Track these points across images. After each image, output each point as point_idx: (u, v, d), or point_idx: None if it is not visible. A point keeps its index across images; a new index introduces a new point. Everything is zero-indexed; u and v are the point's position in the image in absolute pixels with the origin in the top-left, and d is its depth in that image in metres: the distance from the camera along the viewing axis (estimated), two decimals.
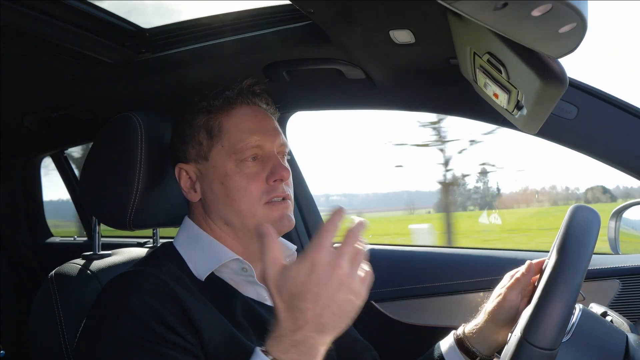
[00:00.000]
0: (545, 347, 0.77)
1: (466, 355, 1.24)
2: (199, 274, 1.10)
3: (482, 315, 1.24)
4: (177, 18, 1.35)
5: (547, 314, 0.78)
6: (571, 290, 0.79)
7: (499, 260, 1.66)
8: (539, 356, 0.77)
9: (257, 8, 1.27)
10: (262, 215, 1.12)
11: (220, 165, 1.13)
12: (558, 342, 0.78)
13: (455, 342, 1.26)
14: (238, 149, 1.12)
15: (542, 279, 0.87)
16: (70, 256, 1.45)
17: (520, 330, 0.81)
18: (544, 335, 0.77)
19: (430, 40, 1.20)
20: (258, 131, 1.15)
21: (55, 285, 1.32)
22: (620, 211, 1.66)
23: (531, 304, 0.83)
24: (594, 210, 0.86)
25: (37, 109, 1.84)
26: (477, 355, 1.24)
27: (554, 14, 0.62)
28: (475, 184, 24.65)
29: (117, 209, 1.22)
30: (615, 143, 1.31)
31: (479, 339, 1.23)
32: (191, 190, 1.17)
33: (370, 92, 1.56)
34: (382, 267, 1.80)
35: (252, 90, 1.20)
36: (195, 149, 1.16)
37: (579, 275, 0.80)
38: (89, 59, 1.36)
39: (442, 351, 1.28)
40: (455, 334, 1.28)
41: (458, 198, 19.34)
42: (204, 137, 1.15)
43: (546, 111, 1.01)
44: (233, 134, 1.14)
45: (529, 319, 0.80)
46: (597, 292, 1.44)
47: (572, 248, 0.82)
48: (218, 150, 1.14)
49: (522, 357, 0.78)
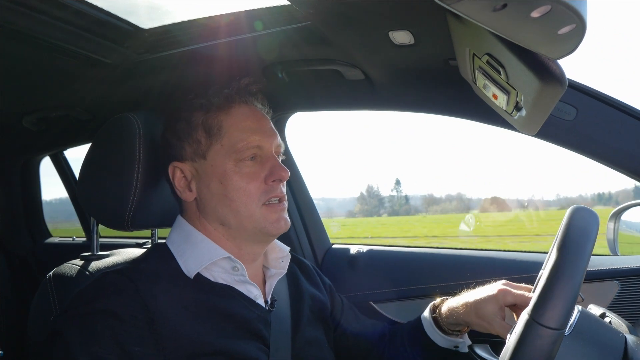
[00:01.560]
0: (553, 326, 0.79)
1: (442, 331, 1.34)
2: (189, 272, 1.10)
3: (460, 305, 1.28)
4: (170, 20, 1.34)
5: (555, 295, 0.80)
6: (577, 271, 0.81)
7: (498, 262, 1.66)
8: (548, 335, 0.79)
9: (256, 9, 1.27)
10: (260, 217, 1.12)
11: (219, 164, 1.13)
12: (565, 322, 0.80)
13: (432, 319, 1.35)
14: (238, 148, 1.12)
15: (545, 268, 0.88)
16: (68, 257, 1.45)
17: (529, 311, 0.83)
18: (551, 315, 0.79)
19: (429, 41, 1.20)
20: (258, 131, 1.16)
21: (53, 286, 1.32)
22: (619, 212, 1.66)
23: (539, 286, 0.84)
24: (592, 211, 0.86)
25: (36, 110, 1.84)
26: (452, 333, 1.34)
27: (553, 15, 0.62)
28: (391, 193, 26.24)
29: (116, 210, 1.21)
30: (614, 144, 1.31)
31: (451, 321, 1.31)
32: (186, 190, 1.16)
33: (369, 93, 1.56)
34: (381, 268, 1.81)
35: (248, 89, 1.20)
36: (192, 147, 1.15)
37: (583, 261, 0.82)
38: (87, 59, 1.36)
39: (424, 327, 1.37)
40: (431, 310, 1.37)
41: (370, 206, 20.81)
42: (203, 135, 1.14)
43: (545, 112, 1.01)
44: (233, 133, 1.14)
45: (537, 300, 0.82)
46: (595, 294, 1.44)
47: (573, 244, 0.83)
48: (217, 149, 1.13)
49: (531, 336, 0.80)
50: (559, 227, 0.89)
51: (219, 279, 1.12)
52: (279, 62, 1.43)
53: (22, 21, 1.14)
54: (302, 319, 1.25)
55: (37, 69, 1.47)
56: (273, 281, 1.22)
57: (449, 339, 1.33)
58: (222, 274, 1.13)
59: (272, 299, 1.20)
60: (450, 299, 1.34)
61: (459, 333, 1.34)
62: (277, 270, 1.24)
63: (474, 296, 1.25)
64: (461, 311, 1.27)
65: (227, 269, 1.13)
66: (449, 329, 1.33)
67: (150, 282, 1.04)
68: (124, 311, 0.97)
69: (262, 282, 1.24)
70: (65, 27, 1.21)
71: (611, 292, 1.44)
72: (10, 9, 1.08)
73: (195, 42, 1.36)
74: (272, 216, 1.13)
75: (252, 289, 1.15)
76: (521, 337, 0.82)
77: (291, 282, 1.32)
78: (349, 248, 1.92)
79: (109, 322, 0.95)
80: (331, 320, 1.39)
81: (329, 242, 2.02)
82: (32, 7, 1.11)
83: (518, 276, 1.53)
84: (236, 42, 1.33)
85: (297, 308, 1.26)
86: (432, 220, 23.20)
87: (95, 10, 1.20)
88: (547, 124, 1.18)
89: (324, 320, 1.34)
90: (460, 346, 1.36)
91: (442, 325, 1.33)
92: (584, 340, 0.91)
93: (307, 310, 1.29)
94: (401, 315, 1.68)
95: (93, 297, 1.00)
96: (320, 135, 62.08)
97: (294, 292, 1.30)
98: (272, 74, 1.47)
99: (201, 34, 1.33)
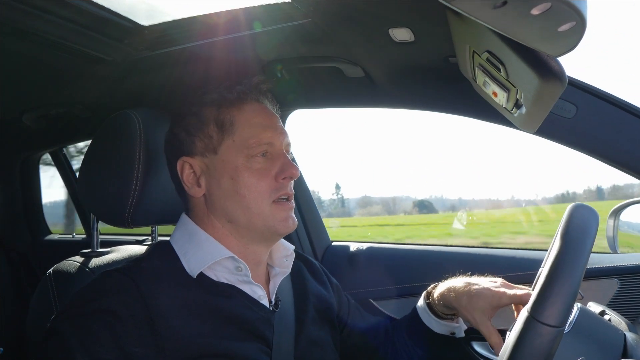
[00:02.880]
0: (552, 324, 0.79)
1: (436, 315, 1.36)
2: (191, 271, 1.09)
3: (453, 291, 1.29)
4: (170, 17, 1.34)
5: (554, 293, 0.80)
6: (576, 269, 0.81)
7: (498, 259, 1.67)
8: (547, 333, 0.80)
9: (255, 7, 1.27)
10: (269, 214, 1.12)
11: (231, 160, 1.12)
12: (565, 320, 0.81)
13: (426, 305, 1.37)
14: (250, 144, 1.12)
15: (545, 265, 0.89)
16: (68, 253, 1.45)
17: (528, 308, 0.83)
18: (551, 313, 0.80)
19: (429, 38, 1.20)
20: (269, 128, 1.16)
21: (53, 282, 1.32)
22: (619, 210, 1.66)
23: (538, 283, 0.85)
24: (592, 208, 0.86)
25: (36, 107, 1.84)
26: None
27: (553, 12, 0.62)
28: (331, 197, 26.80)
29: (116, 207, 1.21)
30: (614, 142, 1.31)
31: (444, 304, 1.32)
32: (194, 185, 1.15)
33: (369, 91, 1.56)
34: (382, 265, 1.81)
35: (259, 87, 1.20)
36: (203, 142, 1.14)
37: (583, 258, 0.83)
38: (87, 56, 1.36)
39: (419, 314, 1.39)
40: (425, 296, 1.39)
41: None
42: (214, 131, 1.14)
43: (545, 110, 1.01)
44: (245, 129, 1.14)
45: (536, 297, 0.82)
46: (595, 291, 1.45)
47: (572, 242, 0.84)
48: (229, 145, 1.13)
49: (530, 334, 0.81)
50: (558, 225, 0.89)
51: (222, 278, 1.11)
52: (279, 60, 1.43)
53: (22, 18, 1.14)
54: (307, 318, 1.24)
55: (37, 67, 1.46)
56: (277, 280, 1.21)
57: (444, 323, 1.34)
58: (225, 274, 1.12)
59: (277, 299, 1.19)
60: (443, 283, 1.35)
61: (453, 317, 1.34)
62: (282, 269, 1.23)
63: (469, 287, 1.26)
64: (452, 296, 1.28)
65: (231, 268, 1.12)
66: (442, 312, 1.33)
67: (152, 281, 1.03)
68: (124, 311, 0.96)
69: (266, 280, 1.22)
70: (66, 25, 1.20)
71: (611, 289, 1.44)
72: (10, 7, 1.08)
73: (195, 40, 1.35)
74: (281, 214, 1.13)
75: (256, 289, 1.13)
76: (520, 335, 0.82)
77: (296, 281, 1.31)
78: (348, 245, 1.92)
79: (108, 321, 0.95)
80: (338, 320, 1.38)
81: (328, 240, 2.02)
82: (32, 5, 1.11)
83: (517, 274, 1.53)
84: (236, 39, 1.33)
85: (302, 307, 1.25)
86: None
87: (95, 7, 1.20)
88: (547, 122, 1.18)
89: (329, 320, 1.33)
90: (456, 332, 1.36)
91: (436, 310, 1.34)
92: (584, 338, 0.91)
93: (312, 310, 1.27)
94: (401, 312, 1.68)
95: (93, 296, 0.99)
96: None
97: (299, 291, 1.29)
98: (271, 71, 1.47)
99: (201, 31, 1.33)
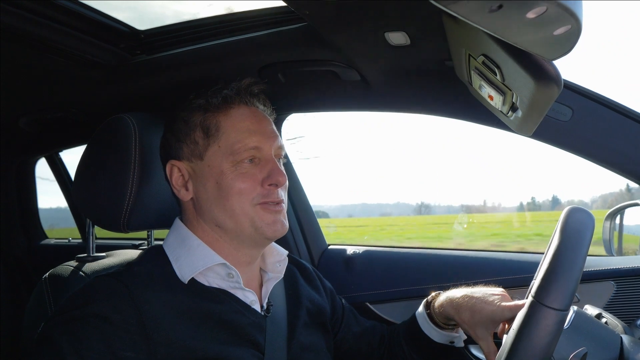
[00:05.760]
0: (557, 307, 0.81)
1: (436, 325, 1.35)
2: (183, 277, 1.08)
3: (454, 302, 1.28)
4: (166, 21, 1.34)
5: (558, 277, 0.83)
6: (578, 255, 0.83)
7: (494, 262, 1.66)
8: (552, 315, 0.81)
9: (252, 10, 1.27)
10: (255, 216, 1.11)
11: (216, 165, 1.11)
12: (569, 303, 0.82)
13: (426, 314, 1.36)
14: (235, 149, 1.11)
15: (546, 256, 0.89)
16: (64, 258, 1.44)
17: (532, 294, 0.85)
18: (555, 297, 0.82)
19: (425, 42, 1.20)
20: (257, 132, 1.13)
21: (49, 287, 1.31)
22: (615, 213, 1.67)
23: (541, 270, 0.87)
24: (588, 211, 0.86)
25: (32, 111, 1.84)
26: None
27: (548, 16, 0.62)
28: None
29: (112, 211, 1.21)
30: (610, 145, 1.31)
31: (445, 315, 1.31)
32: (182, 189, 1.15)
33: (365, 94, 1.56)
34: (377, 268, 1.80)
35: (250, 90, 1.18)
36: (190, 147, 1.14)
37: (584, 246, 0.84)
38: (83, 60, 1.36)
39: (419, 323, 1.37)
40: (425, 305, 1.37)
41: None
42: (200, 136, 1.13)
43: (541, 113, 1.01)
44: (231, 134, 1.12)
45: (540, 282, 0.84)
46: (591, 294, 1.45)
47: (573, 232, 0.86)
48: (214, 150, 1.12)
49: (536, 317, 0.83)
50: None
51: (214, 284, 1.11)
52: (275, 63, 1.43)
53: (18, 22, 1.14)
54: (299, 323, 1.22)
55: (32, 71, 1.46)
56: (269, 285, 1.20)
57: (444, 333, 1.33)
58: (217, 280, 1.11)
59: (268, 304, 1.18)
60: (443, 293, 1.34)
61: (454, 327, 1.34)
62: (274, 274, 1.22)
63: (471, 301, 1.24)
64: (453, 309, 1.27)
65: (222, 275, 1.11)
66: (443, 323, 1.32)
67: (144, 286, 1.02)
68: (116, 315, 0.96)
69: (259, 285, 1.22)
70: (61, 29, 1.20)
71: (607, 292, 1.44)
72: (5, 11, 1.08)
73: (191, 44, 1.35)
74: (267, 217, 1.11)
75: (248, 294, 1.13)
76: (525, 318, 0.84)
77: (289, 285, 1.30)
78: (345, 249, 1.92)
79: (100, 326, 0.94)
80: (331, 324, 1.38)
81: (325, 243, 2.02)
82: (28, 9, 1.11)
83: (514, 277, 1.54)
84: (232, 43, 1.33)
85: (294, 312, 1.24)
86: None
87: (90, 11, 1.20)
88: (543, 125, 1.18)
89: (323, 325, 1.32)
90: (456, 341, 1.35)
91: (436, 320, 1.33)
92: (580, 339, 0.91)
93: (305, 314, 1.26)
94: (397, 316, 1.68)
95: (85, 301, 0.98)
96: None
97: (291, 296, 1.28)
98: (268, 74, 1.47)
99: (197, 35, 1.33)
